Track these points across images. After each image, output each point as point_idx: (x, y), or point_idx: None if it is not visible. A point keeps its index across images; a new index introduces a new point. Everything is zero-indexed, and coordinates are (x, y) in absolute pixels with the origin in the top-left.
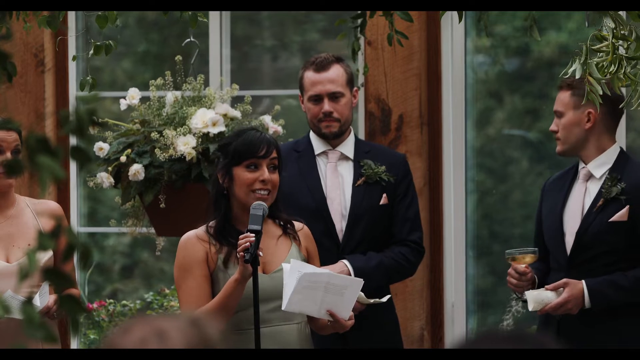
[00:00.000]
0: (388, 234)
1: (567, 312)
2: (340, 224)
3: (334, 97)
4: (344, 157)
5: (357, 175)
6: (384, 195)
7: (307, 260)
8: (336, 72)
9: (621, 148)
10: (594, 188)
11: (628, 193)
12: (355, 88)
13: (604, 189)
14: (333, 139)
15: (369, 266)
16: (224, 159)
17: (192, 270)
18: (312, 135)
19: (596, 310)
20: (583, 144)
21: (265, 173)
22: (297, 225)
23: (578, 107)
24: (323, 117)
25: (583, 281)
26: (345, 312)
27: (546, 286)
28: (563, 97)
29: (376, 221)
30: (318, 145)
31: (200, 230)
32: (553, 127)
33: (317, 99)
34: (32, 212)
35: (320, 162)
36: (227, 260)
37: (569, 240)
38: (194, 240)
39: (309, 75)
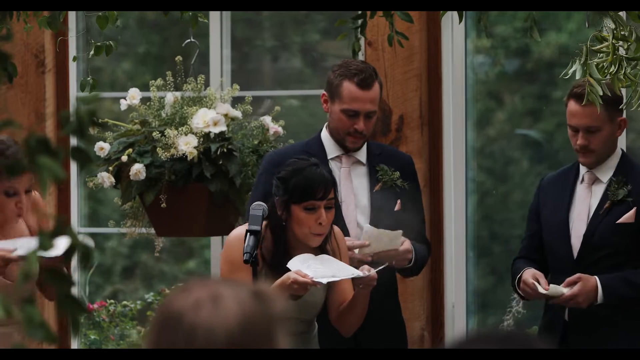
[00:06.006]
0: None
1: (577, 306)
2: (355, 230)
3: (369, 116)
4: (357, 162)
5: (373, 180)
6: (398, 201)
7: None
8: (376, 90)
9: (623, 151)
10: (599, 191)
11: (635, 195)
12: None
13: (610, 191)
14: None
15: (422, 250)
16: (283, 194)
17: (242, 268)
18: (323, 137)
19: (608, 305)
20: (609, 154)
21: (322, 215)
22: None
23: (613, 119)
24: (353, 133)
25: (596, 277)
26: (351, 270)
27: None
28: (593, 112)
29: (394, 227)
30: (331, 149)
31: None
32: (582, 141)
33: (354, 114)
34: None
35: (334, 166)
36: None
37: (575, 242)
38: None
39: (351, 88)
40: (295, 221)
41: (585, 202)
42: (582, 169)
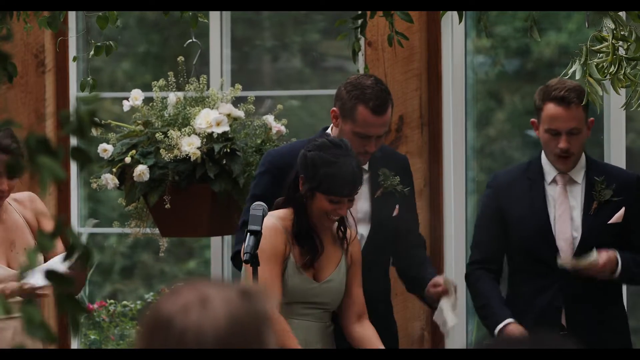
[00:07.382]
0: (407, 242)
1: (598, 276)
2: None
3: (379, 137)
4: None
5: (374, 184)
6: (397, 206)
7: (350, 265)
8: (389, 112)
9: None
10: (576, 192)
11: (619, 194)
12: None
13: (596, 192)
14: None
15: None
16: (310, 180)
17: (269, 261)
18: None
19: (620, 281)
20: (580, 155)
21: (343, 208)
22: (353, 233)
23: (586, 121)
24: (363, 154)
25: (615, 251)
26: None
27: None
28: (577, 114)
29: (395, 232)
30: None
31: (282, 223)
32: (565, 144)
33: (365, 137)
34: (15, 209)
35: None
36: (303, 264)
37: (562, 245)
38: (280, 230)
39: (366, 114)
40: (315, 205)
41: (564, 203)
42: (551, 171)
